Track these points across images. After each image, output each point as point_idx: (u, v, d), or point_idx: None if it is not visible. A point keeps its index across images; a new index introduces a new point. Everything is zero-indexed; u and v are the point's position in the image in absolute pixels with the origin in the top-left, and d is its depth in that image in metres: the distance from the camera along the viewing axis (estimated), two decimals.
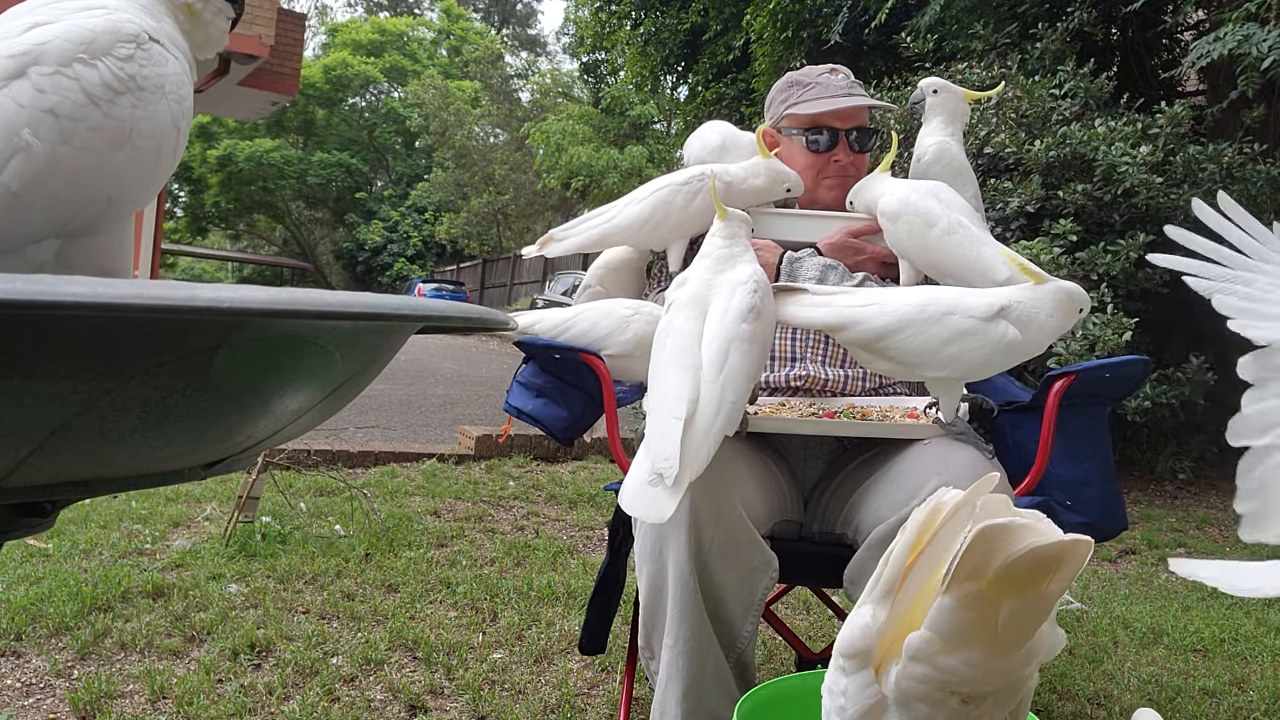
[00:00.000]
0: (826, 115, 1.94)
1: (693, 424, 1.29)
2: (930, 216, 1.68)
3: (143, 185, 0.91)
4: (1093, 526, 1.65)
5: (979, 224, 1.73)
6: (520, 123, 22.60)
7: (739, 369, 1.34)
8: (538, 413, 1.82)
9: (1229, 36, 5.09)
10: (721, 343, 1.36)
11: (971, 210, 1.75)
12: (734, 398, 1.32)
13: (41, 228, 0.85)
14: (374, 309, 0.72)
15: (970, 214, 1.73)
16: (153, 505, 3.70)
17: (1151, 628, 3.00)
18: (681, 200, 1.85)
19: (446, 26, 38.39)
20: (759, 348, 1.40)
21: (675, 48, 11.59)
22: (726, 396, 1.32)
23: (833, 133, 1.95)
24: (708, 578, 1.47)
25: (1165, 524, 4.74)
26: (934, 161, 1.89)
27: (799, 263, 1.84)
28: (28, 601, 2.48)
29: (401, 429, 6.31)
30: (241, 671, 2.17)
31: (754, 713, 1.19)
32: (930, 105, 1.95)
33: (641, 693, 2.04)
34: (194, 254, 38.54)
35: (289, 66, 11.46)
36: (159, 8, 0.97)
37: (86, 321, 0.60)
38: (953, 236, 1.65)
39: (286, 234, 37.45)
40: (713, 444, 1.30)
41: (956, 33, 7.02)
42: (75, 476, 0.76)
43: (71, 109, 0.83)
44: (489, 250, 26.76)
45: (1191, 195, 5.10)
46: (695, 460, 1.28)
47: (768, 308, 1.43)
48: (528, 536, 3.69)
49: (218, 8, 1.04)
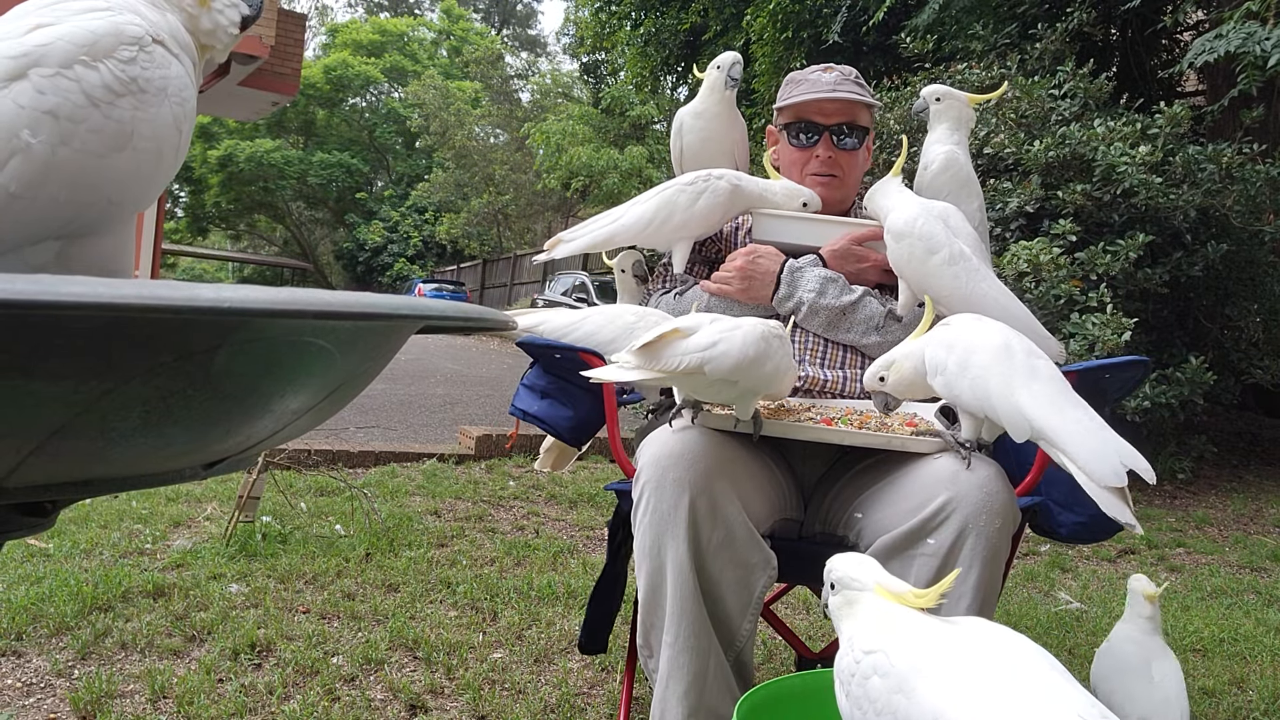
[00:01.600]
0: (808, 109, 1.94)
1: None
2: (933, 243, 1.67)
3: (144, 187, 0.91)
4: (1087, 526, 1.65)
5: (982, 254, 1.72)
6: (520, 123, 22.60)
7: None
8: (543, 414, 1.83)
9: (1230, 35, 5.09)
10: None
11: (976, 240, 1.74)
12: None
13: (41, 229, 0.85)
14: (374, 309, 0.72)
15: (975, 243, 1.72)
16: (153, 505, 3.70)
17: None
18: (685, 200, 1.85)
19: (447, 27, 38.40)
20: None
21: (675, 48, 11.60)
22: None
23: (816, 128, 1.95)
24: (706, 576, 1.47)
25: (1164, 524, 4.74)
26: (941, 170, 1.89)
27: (800, 273, 1.84)
28: (28, 601, 2.48)
29: (401, 429, 6.31)
30: (242, 671, 2.17)
31: (754, 712, 1.20)
32: (935, 113, 1.94)
33: (641, 692, 2.04)
34: (194, 254, 38.57)
35: (289, 67, 11.47)
36: (167, 8, 0.97)
37: (87, 321, 0.60)
38: (952, 268, 1.66)
39: (287, 234, 37.46)
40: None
41: (956, 33, 7.03)
42: (75, 476, 0.76)
43: (72, 110, 0.82)
44: (489, 250, 26.77)
45: (1191, 195, 5.12)
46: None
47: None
48: (528, 536, 3.69)
49: (230, 2, 1.03)
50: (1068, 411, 1.34)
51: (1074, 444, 1.30)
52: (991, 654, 0.96)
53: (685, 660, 1.46)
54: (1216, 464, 6.06)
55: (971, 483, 1.44)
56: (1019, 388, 1.36)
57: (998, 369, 1.38)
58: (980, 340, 1.41)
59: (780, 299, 1.82)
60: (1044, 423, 1.33)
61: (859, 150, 1.99)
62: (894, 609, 1.05)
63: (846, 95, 1.93)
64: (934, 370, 1.45)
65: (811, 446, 1.73)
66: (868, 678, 0.99)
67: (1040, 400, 1.34)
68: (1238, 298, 5.63)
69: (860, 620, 1.07)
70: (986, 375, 1.38)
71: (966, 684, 0.92)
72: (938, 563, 1.43)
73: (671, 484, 1.46)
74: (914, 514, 1.46)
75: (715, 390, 1.50)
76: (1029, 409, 1.34)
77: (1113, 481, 1.26)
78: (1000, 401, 1.36)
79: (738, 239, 2.05)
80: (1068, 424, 1.32)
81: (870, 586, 1.09)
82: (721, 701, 1.46)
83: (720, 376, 1.40)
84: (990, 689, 0.91)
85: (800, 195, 1.89)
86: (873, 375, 1.53)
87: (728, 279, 1.86)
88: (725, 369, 1.39)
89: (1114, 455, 1.28)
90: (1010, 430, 1.37)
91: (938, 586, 1.04)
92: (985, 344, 1.41)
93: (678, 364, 1.38)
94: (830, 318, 1.81)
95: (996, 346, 1.40)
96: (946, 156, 1.89)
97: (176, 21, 0.97)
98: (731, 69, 2.06)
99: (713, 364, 1.38)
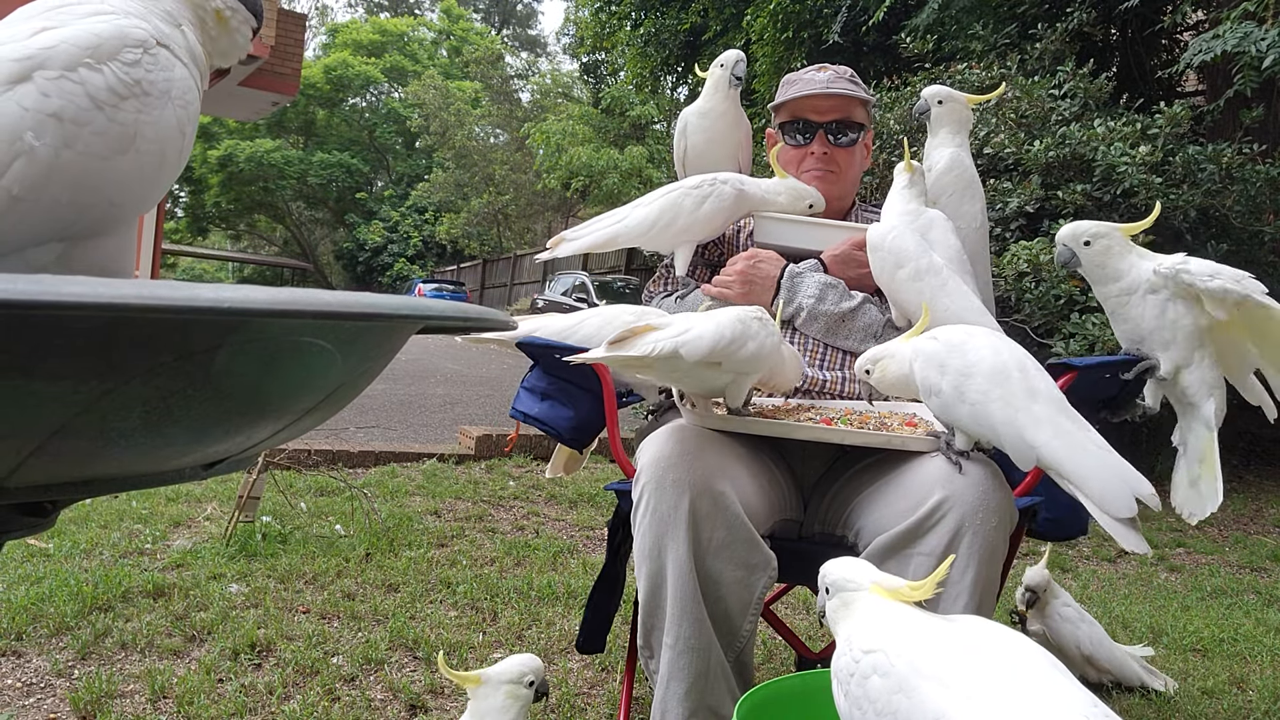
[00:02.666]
0: (803, 107, 1.95)
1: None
2: (901, 257, 1.69)
3: (146, 189, 0.91)
4: (1057, 522, 1.66)
5: (962, 265, 1.71)
6: (520, 123, 22.60)
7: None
8: (544, 415, 1.83)
9: (1228, 35, 5.09)
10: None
11: (958, 251, 1.73)
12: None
13: (44, 231, 0.84)
14: (374, 309, 0.72)
15: (956, 254, 1.71)
16: (153, 505, 3.70)
17: (1151, 627, 3.01)
18: (690, 204, 1.85)
19: (447, 27, 38.40)
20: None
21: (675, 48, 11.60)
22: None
23: (811, 125, 1.96)
24: (707, 576, 1.47)
25: (1165, 524, 4.74)
26: (946, 171, 1.90)
27: (800, 278, 1.84)
28: (28, 601, 2.48)
29: (401, 429, 6.31)
30: (242, 671, 2.17)
31: (754, 712, 1.19)
32: (936, 116, 1.95)
33: (641, 692, 2.04)
34: (194, 254, 38.58)
35: (289, 67, 11.46)
36: (178, 13, 0.97)
37: (87, 321, 0.60)
38: (917, 283, 1.66)
39: (287, 234, 37.46)
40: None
41: (956, 33, 7.03)
42: (75, 476, 0.76)
43: (76, 113, 0.82)
44: (489, 250, 26.76)
45: (1191, 195, 5.12)
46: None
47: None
48: (528, 536, 3.69)
49: (243, 17, 1.04)
50: (1073, 437, 1.32)
51: (1083, 475, 1.29)
52: (993, 653, 0.95)
53: (686, 661, 1.46)
54: None
55: (967, 482, 1.44)
56: (1020, 411, 1.33)
57: (998, 394, 1.35)
58: (974, 362, 1.38)
59: (780, 304, 1.83)
60: (1052, 456, 1.31)
61: (855, 147, 2.00)
62: (892, 607, 1.05)
63: (840, 91, 1.94)
64: (927, 392, 1.43)
65: (811, 447, 1.73)
66: (867, 677, 0.99)
67: (1044, 427, 1.32)
68: None
69: (858, 620, 1.06)
70: (987, 403, 1.35)
71: (968, 683, 0.92)
72: (934, 562, 1.43)
73: (671, 485, 1.46)
74: (910, 513, 1.46)
75: (703, 379, 1.49)
76: (1034, 440, 1.32)
77: (1125, 513, 1.26)
78: (1005, 431, 1.34)
79: (739, 241, 2.05)
80: (1074, 454, 1.30)
81: (866, 586, 1.08)
82: (722, 702, 1.46)
83: (698, 359, 1.40)
84: (993, 688, 0.91)
85: (806, 196, 1.89)
86: (861, 366, 1.54)
87: (728, 283, 1.86)
88: (701, 351, 1.39)
89: (1124, 486, 1.27)
90: (1016, 460, 1.36)
91: (933, 577, 1.04)
92: (980, 366, 1.37)
93: (651, 349, 1.37)
94: (829, 324, 1.81)
95: (992, 369, 1.37)
96: (952, 158, 1.91)
97: (188, 28, 0.98)
98: (735, 67, 2.06)
99: (688, 346, 1.38)
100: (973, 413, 1.37)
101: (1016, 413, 1.34)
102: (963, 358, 1.39)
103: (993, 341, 1.42)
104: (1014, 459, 1.37)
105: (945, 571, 1.06)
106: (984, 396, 1.36)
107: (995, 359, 1.38)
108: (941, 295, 1.65)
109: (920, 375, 1.43)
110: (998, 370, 1.36)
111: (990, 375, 1.36)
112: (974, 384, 1.37)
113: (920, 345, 1.45)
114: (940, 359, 1.41)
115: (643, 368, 1.49)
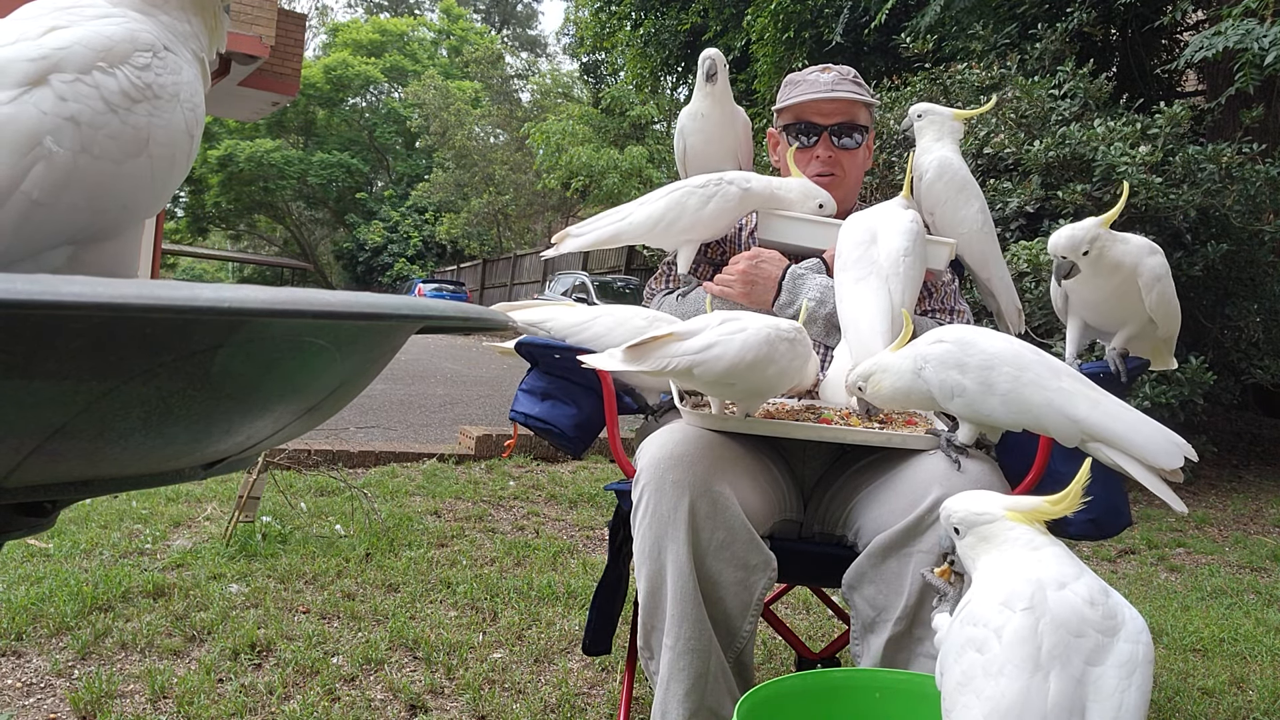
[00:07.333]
0: (807, 110, 1.95)
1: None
2: (843, 261, 1.72)
3: (157, 192, 0.91)
4: (1096, 523, 1.65)
5: (905, 281, 1.66)
6: (520, 123, 22.59)
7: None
8: (546, 415, 1.82)
9: (1229, 31, 5.09)
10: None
11: (897, 255, 1.68)
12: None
13: (59, 235, 0.84)
14: (374, 309, 0.72)
15: (893, 259, 1.67)
16: (153, 505, 3.70)
17: (1151, 627, 2.99)
18: (695, 203, 1.85)
19: (447, 27, 38.40)
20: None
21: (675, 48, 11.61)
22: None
23: (815, 128, 1.96)
24: (707, 577, 1.47)
25: (1165, 524, 4.74)
26: (936, 178, 1.89)
27: (802, 279, 1.84)
28: (28, 601, 2.48)
29: (401, 429, 6.31)
30: (242, 671, 2.17)
31: (754, 712, 1.19)
32: (919, 128, 1.97)
33: (641, 692, 2.04)
34: (194, 254, 38.54)
35: (289, 67, 11.47)
36: (179, 14, 0.97)
37: (87, 321, 0.60)
38: (857, 286, 1.68)
39: (287, 234, 37.46)
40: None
41: (956, 33, 7.03)
42: (75, 476, 0.76)
43: (92, 117, 0.82)
44: (489, 250, 26.76)
45: (1191, 195, 5.12)
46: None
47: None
48: (528, 536, 3.69)
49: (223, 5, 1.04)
50: (1107, 404, 1.32)
51: (1130, 437, 1.29)
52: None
53: (686, 663, 1.45)
54: (1216, 464, 6.06)
55: (965, 479, 1.44)
56: (1053, 391, 1.32)
57: (1029, 377, 1.33)
58: (994, 353, 1.36)
59: (781, 305, 1.83)
60: (1098, 425, 1.30)
61: (858, 149, 2.00)
62: (1034, 543, 1.03)
63: (844, 95, 1.94)
64: (947, 395, 1.40)
65: (810, 447, 1.73)
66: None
67: (1080, 400, 1.31)
68: (1238, 298, 5.62)
69: (1001, 560, 1.03)
70: (1019, 389, 1.33)
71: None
72: (935, 560, 1.43)
73: (671, 486, 1.46)
74: (908, 511, 1.46)
75: (715, 390, 1.49)
76: (1075, 414, 1.31)
77: (1175, 464, 1.27)
78: (1044, 412, 1.32)
79: (741, 239, 2.05)
80: (1117, 420, 1.30)
81: (1000, 514, 1.05)
82: (722, 702, 1.46)
83: (712, 380, 1.39)
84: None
85: (816, 196, 1.89)
86: (852, 385, 1.50)
87: (730, 282, 1.86)
88: (717, 373, 1.37)
89: (1169, 439, 1.29)
90: (1059, 438, 1.34)
91: (1073, 487, 1.03)
92: (1001, 355, 1.36)
93: (666, 365, 1.36)
94: (828, 326, 1.81)
95: (1014, 355, 1.35)
96: (940, 163, 1.89)
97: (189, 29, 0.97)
98: (705, 65, 2.07)
99: (702, 367, 1.36)
100: (1005, 402, 1.35)
101: (1051, 392, 1.32)
102: (981, 351, 1.37)
103: (995, 333, 1.42)
104: (1058, 438, 1.35)
105: (1086, 476, 1.04)
106: (1015, 383, 1.34)
107: (1009, 346, 1.37)
108: (860, 305, 1.65)
109: (936, 380, 1.40)
110: (1018, 355, 1.36)
111: (1014, 362, 1.35)
112: (1000, 374, 1.35)
113: (925, 351, 1.42)
114: (957, 358, 1.38)
115: (654, 375, 1.49)
